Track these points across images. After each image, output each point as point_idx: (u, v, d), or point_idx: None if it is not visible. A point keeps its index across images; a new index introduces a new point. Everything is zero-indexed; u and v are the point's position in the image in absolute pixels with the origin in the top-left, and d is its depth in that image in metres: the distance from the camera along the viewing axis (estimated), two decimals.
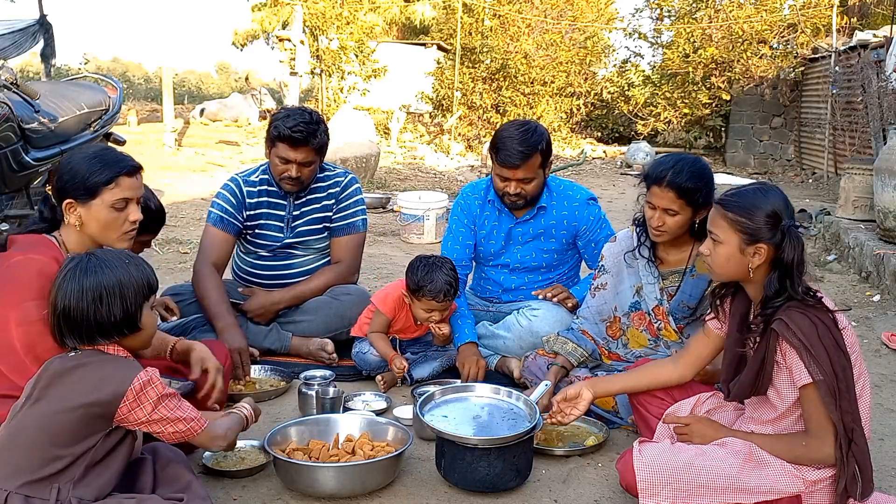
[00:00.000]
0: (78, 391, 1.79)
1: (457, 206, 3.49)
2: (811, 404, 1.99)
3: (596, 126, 20.02)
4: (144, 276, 1.92)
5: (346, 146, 9.93)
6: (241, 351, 3.12)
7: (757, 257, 2.05)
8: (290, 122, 3.25)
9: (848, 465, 1.97)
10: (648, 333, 2.87)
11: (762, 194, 2.08)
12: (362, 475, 2.27)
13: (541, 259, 3.39)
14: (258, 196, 3.47)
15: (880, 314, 4.55)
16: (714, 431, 2.19)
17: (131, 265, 1.91)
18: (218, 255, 3.43)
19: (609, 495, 2.36)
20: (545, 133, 3.20)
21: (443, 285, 3.02)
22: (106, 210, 2.20)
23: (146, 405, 1.81)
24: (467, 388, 2.67)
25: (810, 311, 1.99)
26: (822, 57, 13.07)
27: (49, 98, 4.47)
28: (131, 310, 1.87)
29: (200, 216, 7.20)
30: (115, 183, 2.20)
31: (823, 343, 1.95)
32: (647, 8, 18.14)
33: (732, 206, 2.08)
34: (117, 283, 1.85)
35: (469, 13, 17.48)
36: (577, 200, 3.33)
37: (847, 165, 7.07)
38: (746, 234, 2.05)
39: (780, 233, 2.03)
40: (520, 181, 3.16)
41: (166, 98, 12.30)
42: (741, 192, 2.12)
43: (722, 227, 2.09)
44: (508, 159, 3.10)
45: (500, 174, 3.19)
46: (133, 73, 34.43)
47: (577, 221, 3.33)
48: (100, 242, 2.25)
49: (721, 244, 2.09)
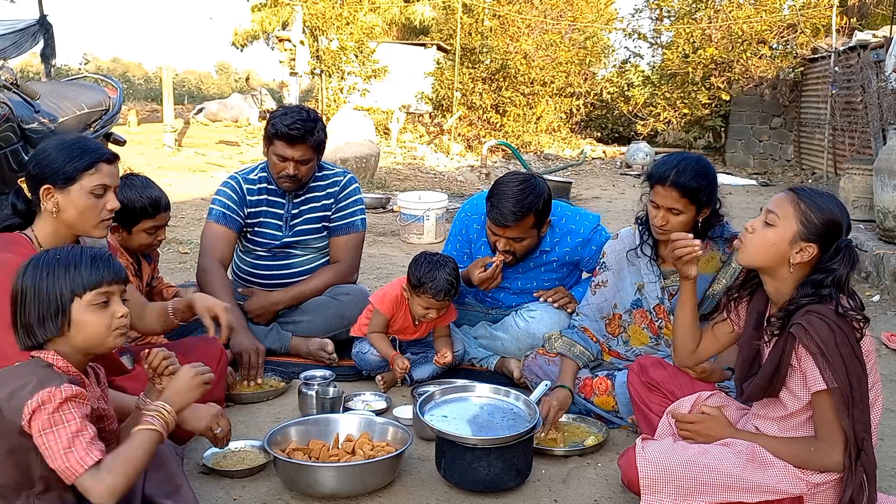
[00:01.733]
0: (2, 405, 1.64)
1: (455, 226, 3.45)
2: (823, 411, 1.97)
3: (596, 126, 20.03)
4: (87, 272, 1.73)
5: (346, 146, 9.93)
6: (257, 352, 3.11)
7: (801, 255, 2.02)
8: (288, 119, 3.25)
9: (856, 474, 1.95)
10: (650, 331, 2.87)
11: (837, 203, 2.06)
12: (362, 475, 2.27)
13: (541, 285, 3.34)
14: (258, 194, 3.47)
15: (880, 314, 4.55)
16: (720, 430, 2.17)
17: (72, 260, 1.74)
18: (223, 252, 3.42)
19: (609, 495, 2.36)
20: (544, 192, 3.02)
21: (444, 284, 3.02)
22: (85, 196, 2.18)
23: (35, 425, 1.61)
24: (467, 388, 2.67)
25: (829, 318, 1.95)
26: (821, 57, 13.07)
27: (49, 98, 4.47)
28: (52, 309, 1.71)
29: (200, 216, 7.20)
30: (95, 169, 2.18)
31: (841, 351, 1.92)
32: (647, 8, 18.18)
33: (807, 197, 2.04)
34: (41, 280, 1.71)
35: (469, 13, 17.48)
36: (580, 236, 3.22)
37: (847, 165, 7.07)
38: (806, 229, 2.01)
39: (836, 246, 2.01)
40: (510, 239, 3.07)
41: (166, 98, 12.30)
42: (819, 191, 2.09)
43: (786, 212, 2.03)
44: (499, 219, 2.99)
45: (490, 228, 3.09)
46: (133, 73, 34.41)
47: (581, 256, 3.26)
48: (76, 231, 2.22)
49: (774, 227, 2.04)
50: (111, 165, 2.24)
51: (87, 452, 1.61)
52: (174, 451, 2.10)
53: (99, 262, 1.77)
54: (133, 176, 2.98)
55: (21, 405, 1.62)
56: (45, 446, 1.61)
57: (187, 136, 13.04)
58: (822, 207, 2.02)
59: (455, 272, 3.08)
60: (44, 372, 1.69)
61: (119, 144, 5.45)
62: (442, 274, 3.03)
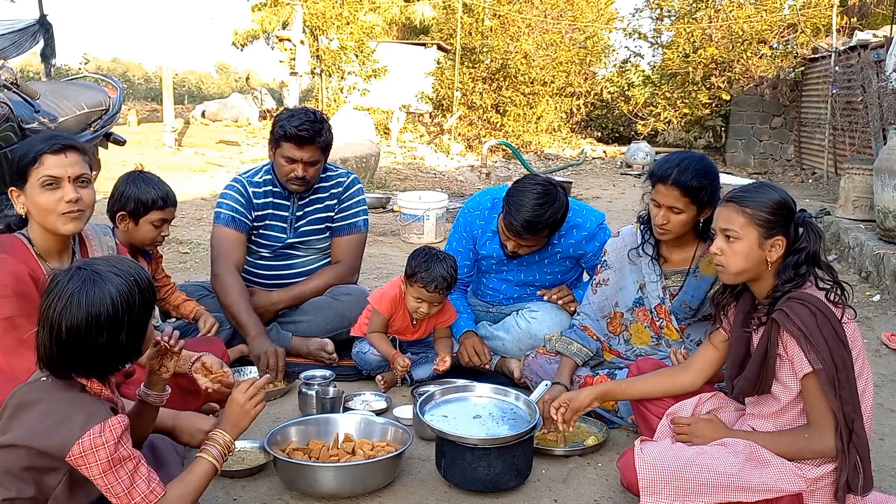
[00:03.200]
0: (31, 432, 1.61)
1: (458, 223, 3.44)
2: (812, 394, 2.01)
3: (596, 126, 20.04)
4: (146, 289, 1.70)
5: (347, 146, 9.93)
6: (276, 354, 3.11)
7: (775, 250, 2.09)
8: (296, 121, 3.25)
9: (849, 456, 1.98)
10: (651, 330, 2.87)
11: (771, 189, 2.14)
12: (362, 475, 2.27)
13: (544, 279, 3.35)
14: (264, 197, 3.46)
15: (880, 314, 4.55)
16: (714, 432, 2.19)
17: (133, 278, 1.68)
18: (237, 257, 3.41)
19: (609, 495, 2.36)
20: (563, 206, 2.96)
21: (437, 276, 3.01)
22: (38, 191, 2.12)
23: (93, 466, 1.60)
24: (467, 388, 2.67)
25: (810, 302, 2.01)
26: (822, 57, 13.07)
27: (49, 98, 4.47)
28: (139, 331, 1.69)
29: (201, 216, 7.20)
30: (38, 162, 2.11)
31: (823, 333, 1.97)
32: (647, 8, 18.18)
33: (748, 201, 2.10)
34: (124, 302, 1.63)
35: (469, 13, 17.49)
36: (585, 230, 3.20)
37: (847, 165, 7.06)
38: (765, 228, 2.08)
39: (795, 225, 2.09)
40: (523, 246, 3.07)
41: (166, 98, 12.31)
42: (750, 188, 2.15)
43: (739, 223, 2.10)
44: (512, 228, 2.97)
45: (503, 231, 3.06)
46: (133, 73, 34.43)
47: (584, 250, 3.24)
48: (47, 228, 2.17)
49: (739, 240, 2.10)
50: (57, 155, 2.12)
51: (150, 489, 1.66)
52: (175, 450, 2.10)
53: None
54: (144, 172, 3.07)
55: (68, 441, 1.59)
56: (107, 486, 1.62)
57: (187, 135, 13.04)
58: (763, 202, 2.09)
59: (453, 269, 3.08)
60: (82, 399, 1.66)
61: (119, 144, 5.46)
62: (437, 266, 3.03)
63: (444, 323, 3.26)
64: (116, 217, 2.90)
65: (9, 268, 2.06)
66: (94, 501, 1.74)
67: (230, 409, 1.96)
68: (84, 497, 1.71)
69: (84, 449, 1.58)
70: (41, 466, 1.63)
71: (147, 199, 2.90)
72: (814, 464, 2.05)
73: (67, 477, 1.66)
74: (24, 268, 2.10)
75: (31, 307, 2.04)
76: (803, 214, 2.10)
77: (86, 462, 1.59)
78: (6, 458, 1.63)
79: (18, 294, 2.05)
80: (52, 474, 1.65)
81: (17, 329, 2.03)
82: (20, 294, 2.05)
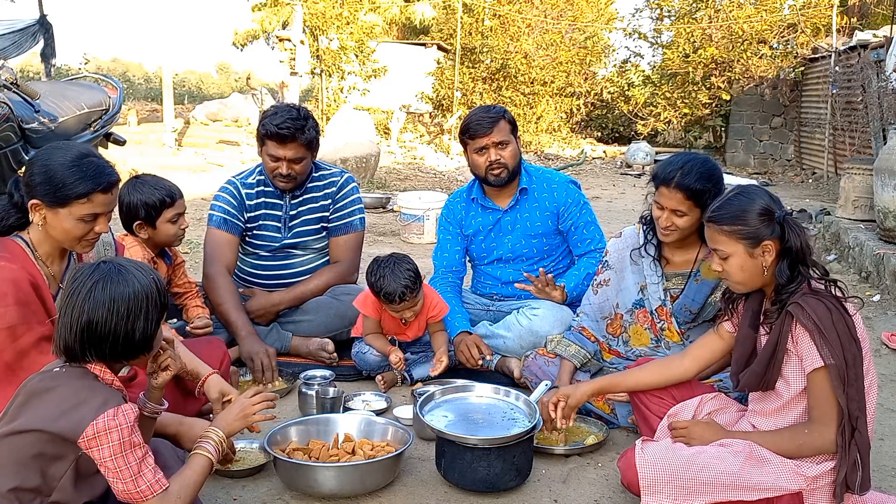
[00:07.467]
0: (44, 416, 1.65)
1: (442, 216, 3.57)
2: (819, 388, 2.01)
3: (596, 126, 20.03)
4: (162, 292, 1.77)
5: (347, 146, 9.93)
6: (267, 353, 3.12)
7: (767, 255, 2.10)
8: (277, 119, 3.26)
9: (849, 453, 1.98)
10: (651, 332, 2.87)
11: (746, 197, 2.14)
12: (362, 475, 2.27)
13: (531, 246, 3.43)
14: (256, 197, 3.47)
15: (880, 314, 4.55)
16: (712, 434, 2.19)
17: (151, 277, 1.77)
18: (228, 259, 3.43)
19: (609, 495, 2.36)
20: (506, 109, 3.42)
21: (394, 289, 2.97)
22: (73, 221, 2.09)
23: (104, 448, 1.63)
24: (467, 388, 2.68)
25: (826, 298, 2.03)
26: (822, 57, 13.07)
27: (49, 98, 4.47)
28: (152, 328, 1.75)
29: (201, 216, 7.19)
30: (88, 199, 2.08)
31: (837, 329, 1.99)
32: (647, 8, 18.17)
33: (724, 219, 2.12)
34: (144, 296, 1.72)
35: (469, 13, 17.49)
36: (556, 182, 3.44)
37: (847, 165, 7.06)
38: (748, 239, 2.09)
39: (778, 225, 2.09)
40: (496, 146, 3.25)
41: (166, 98, 12.31)
42: (724, 203, 2.16)
43: (722, 242, 2.13)
44: (479, 128, 3.25)
45: (476, 147, 3.29)
46: (133, 73, 34.39)
47: (558, 202, 3.39)
48: (60, 245, 2.17)
49: (730, 257, 2.13)
50: (107, 194, 2.12)
51: (156, 479, 1.69)
52: (174, 452, 2.09)
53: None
54: (140, 177, 3.07)
55: (81, 423, 1.62)
56: (116, 470, 1.65)
57: (187, 135, 13.05)
58: (738, 215, 2.11)
59: (409, 271, 3.02)
60: (97, 386, 1.70)
61: (119, 144, 5.46)
62: (390, 280, 2.98)
63: (437, 317, 3.23)
64: (134, 228, 2.93)
65: (9, 275, 2.02)
66: (98, 497, 1.75)
67: (230, 408, 2.04)
68: (88, 491, 1.72)
69: (98, 430, 1.62)
70: (50, 454, 1.66)
71: (154, 201, 2.92)
72: (813, 462, 2.05)
73: (73, 468, 1.68)
74: (24, 274, 2.06)
75: (31, 315, 2.04)
76: (781, 213, 2.11)
77: (98, 444, 1.62)
78: (16, 445, 1.65)
79: (19, 303, 2.02)
80: (59, 463, 1.67)
81: (19, 339, 2.01)
82: (21, 302, 2.03)
